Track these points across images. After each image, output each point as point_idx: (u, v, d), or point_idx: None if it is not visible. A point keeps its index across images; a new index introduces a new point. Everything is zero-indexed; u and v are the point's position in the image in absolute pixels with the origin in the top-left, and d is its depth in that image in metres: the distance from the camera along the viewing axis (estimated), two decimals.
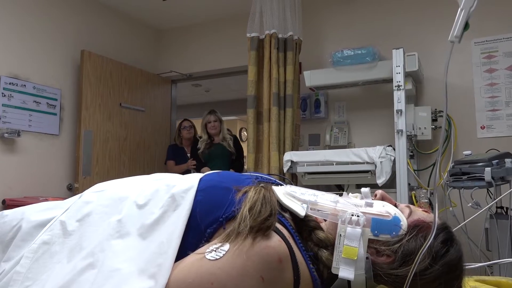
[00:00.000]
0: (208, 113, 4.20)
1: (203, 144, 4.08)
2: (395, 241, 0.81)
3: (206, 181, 0.92)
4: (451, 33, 0.68)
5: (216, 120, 4.14)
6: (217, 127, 4.12)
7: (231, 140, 4.19)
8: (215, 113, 4.17)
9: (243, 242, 0.75)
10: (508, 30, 3.21)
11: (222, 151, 4.09)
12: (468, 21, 0.66)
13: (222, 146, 4.10)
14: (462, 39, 2.62)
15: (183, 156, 4.34)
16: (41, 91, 3.48)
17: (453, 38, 0.68)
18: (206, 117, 4.17)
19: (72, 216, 0.95)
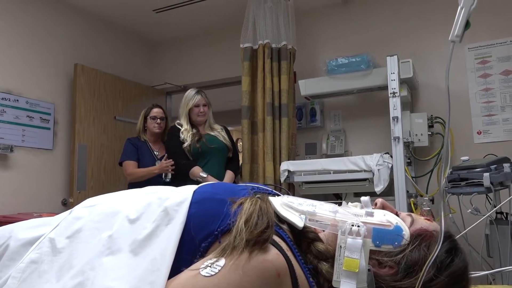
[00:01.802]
0: (196, 92, 3.13)
1: (189, 135, 3.01)
2: (397, 251, 0.78)
3: (200, 193, 0.89)
4: (451, 33, 0.66)
5: (206, 104, 3.14)
6: (206, 113, 3.13)
7: (223, 130, 3.21)
8: (203, 94, 3.16)
9: (239, 256, 0.72)
10: (500, 35, 3.22)
11: (217, 145, 3.08)
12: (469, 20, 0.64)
13: (215, 138, 3.11)
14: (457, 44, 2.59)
15: (147, 155, 3.30)
16: (34, 105, 3.45)
17: (454, 37, 0.66)
18: (193, 99, 3.09)
19: (62, 233, 0.91)
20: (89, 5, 3.84)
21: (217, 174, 3.01)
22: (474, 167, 2.48)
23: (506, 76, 3.19)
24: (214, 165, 3.03)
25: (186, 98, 3.13)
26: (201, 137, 3.04)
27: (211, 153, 3.04)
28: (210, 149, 3.03)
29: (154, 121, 3.36)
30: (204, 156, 3.03)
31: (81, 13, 3.92)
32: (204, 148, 3.01)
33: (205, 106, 3.13)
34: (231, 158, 3.18)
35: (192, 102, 3.09)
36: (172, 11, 3.95)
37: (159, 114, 3.38)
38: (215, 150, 3.06)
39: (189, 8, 3.88)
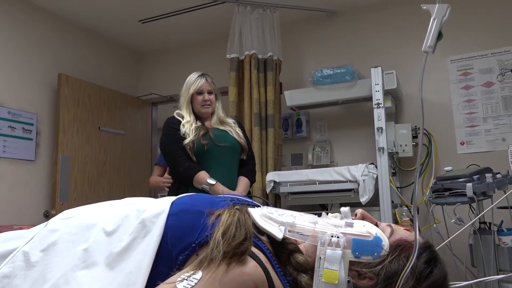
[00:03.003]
0: (199, 76, 2.47)
1: (191, 129, 2.31)
2: (377, 262, 0.77)
3: (178, 205, 0.88)
4: (424, 43, 0.67)
5: (212, 91, 2.45)
6: (212, 102, 2.44)
7: (236, 125, 2.52)
8: (209, 78, 2.49)
9: (216, 269, 0.71)
10: (482, 47, 3.29)
11: (228, 142, 2.38)
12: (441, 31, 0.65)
13: (226, 134, 2.41)
14: (440, 56, 2.65)
15: None
16: (17, 116, 3.39)
17: (427, 48, 0.66)
18: (194, 83, 2.42)
19: (36, 246, 0.89)
20: (74, 15, 3.82)
21: (228, 181, 2.31)
22: (457, 177, 2.51)
23: (487, 87, 3.25)
24: (223, 169, 2.33)
25: (188, 82, 2.45)
26: (207, 131, 2.33)
27: (220, 153, 2.33)
28: (219, 147, 2.31)
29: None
30: (211, 156, 2.31)
31: (66, 23, 3.89)
32: (211, 146, 2.29)
33: (211, 93, 2.43)
34: (245, 161, 2.45)
35: (193, 88, 2.39)
36: (158, 22, 3.95)
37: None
38: (226, 150, 2.34)
39: (175, 19, 3.89)
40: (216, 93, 2.49)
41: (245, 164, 2.47)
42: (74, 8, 3.70)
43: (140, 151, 4.41)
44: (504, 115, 3.17)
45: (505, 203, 2.50)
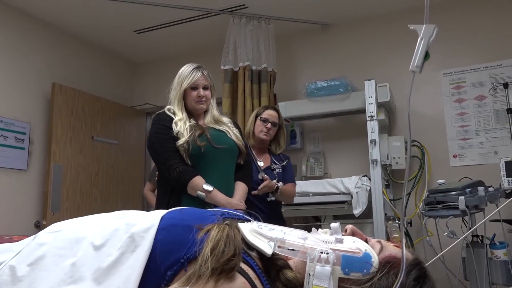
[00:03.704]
0: (195, 68, 2.16)
1: (185, 128, 2.02)
2: (366, 279, 0.77)
3: (168, 219, 0.87)
4: (411, 63, 0.68)
5: (208, 86, 2.17)
6: (208, 98, 2.17)
7: (233, 125, 2.24)
8: (205, 71, 2.19)
9: (204, 285, 0.70)
10: (474, 61, 3.32)
11: (226, 144, 2.11)
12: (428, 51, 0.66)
13: (223, 135, 2.14)
14: (433, 69, 2.67)
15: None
16: (9, 125, 3.37)
17: (414, 68, 0.67)
18: (189, 77, 2.12)
19: (24, 260, 0.88)
20: (69, 24, 3.83)
21: (225, 187, 2.06)
22: (450, 190, 2.52)
23: (479, 101, 3.28)
24: (220, 174, 2.07)
25: (181, 75, 2.15)
26: (203, 131, 2.06)
27: (217, 156, 2.06)
28: (217, 150, 2.04)
29: (264, 124, 2.57)
30: (207, 160, 2.03)
31: (60, 33, 3.89)
32: (208, 148, 2.02)
33: (207, 89, 2.15)
34: (242, 165, 2.20)
35: (187, 82, 2.10)
36: (153, 32, 3.96)
37: (272, 118, 2.59)
38: (224, 153, 2.08)
39: (170, 30, 3.90)
40: (212, 89, 2.21)
41: (242, 168, 2.20)
42: (69, 18, 3.70)
43: (133, 161, 4.39)
44: (496, 128, 3.20)
45: (497, 216, 2.51)
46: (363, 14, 3.66)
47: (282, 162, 2.62)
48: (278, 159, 2.63)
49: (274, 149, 2.67)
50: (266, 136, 2.58)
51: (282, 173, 2.58)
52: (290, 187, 2.58)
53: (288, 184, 2.57)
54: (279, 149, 2.67)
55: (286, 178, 2.58)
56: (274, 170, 2.57)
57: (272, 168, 2.57)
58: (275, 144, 2.68)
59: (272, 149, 2.67)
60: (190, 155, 1.99)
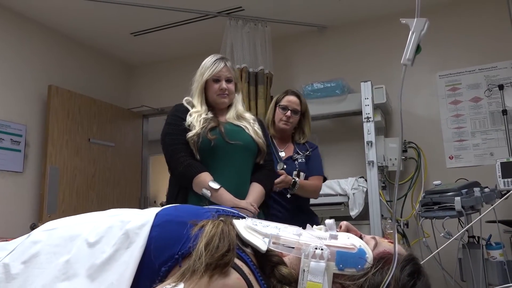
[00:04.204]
0: (218, 59, 2.03)
1: (199, 120, 1.89)
2: (360, 275, 0.77)
3: (162, 216, 0.87)
4: (403, 56, 0.68)
5: (231, 79, 2.02)
6: (231, 92, 2.02)
7: (255, 122, 2.05)
8: (228, 62, 2.05)
9: (198, 281, 0.70)
10: (469, 63, 3.34)
11: (241, 140, 1.92)
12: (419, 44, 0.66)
13: (241, 131, 1.97)
14: (428, 71, 2.68)
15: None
16: (5, 127, 3.36)
17: (406, 61, 0.67)
18: (211, 67, 1.99)
19: (18, 258, 0.88)
20: (65, 27, 3.82)
21: (236, 187, 1.87)
22: (446, 191, 2.53)
23: (475, 102, 3.29)
24: (232, 173, 1.89)
25: (203, 66, 2.02)
26: (218, 125, 1.91)
27: (230, 152, 1.89)
28: (230, 145, 1.88)
29: (283, 112, 2.35)
30: (219, 156, 1.88)
31: (57, 35, 3.89)
32: (219, 143, 1.87)
33: (230, 82, 2.00)
34: (262, 165, 2.00)
35: (209, 73, 1.96)
36: (150, 35, 3.97)
37: (292, 105, 2.35)
38: (237, 149, 1.90)
39: (167, 32, 3.91)
40: (237, 82, 2.06)
41: (261, 168, 2.00)
42: (65, 20, 3.70)
43: (130, 164, 4.38)
44: (491, 130, 3.21)
45: (493, 217, 2.52)
46: (359, 16, 3.67)
47: (306, 152, 2.36)
48: (302, 148, 2.38)
49: (298, 138, 2.42)
50: (286, 125, 2.34)
51: (305, 163, 2.33)
52: (313, 180, 2.32)
53: (312, 177, 2.31)
54: (304, 138, 2.42)
55: (310, 170, 2.33)
56: (296, 160, 2.32)
57: (294, 158, 2.33)
58: (299, 133, 2.43)
59: (295, 138, 2.43)
60: (199, 149, 1.84)
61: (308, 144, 2.42)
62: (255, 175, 1.97)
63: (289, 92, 2.41)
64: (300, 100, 2.39)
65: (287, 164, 2.28)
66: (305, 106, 2.42)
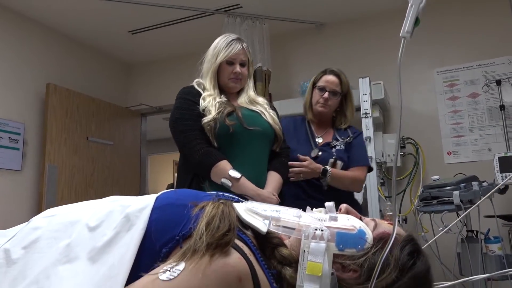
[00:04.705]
0: (235, 39, 1.88)
1: (214, 104, 1.75)
2: (360, 254, 0.78)
3: (163, 199, 0.87)
4: (402, 29, 0.69)
5: (246, 63, 1.88)
6: (245, 77, 1.89)
7: (269, 108, 1.93)
8: (244, 44, 1.91)
9: (199, 260, 0.70)
10: (467, 59, 3.35)
11: (260, 126, 1.80)
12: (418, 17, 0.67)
13: (257, 116, 1.84)
14: (426, 68, 2.68)
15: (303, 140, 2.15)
16: (3, 125, 3.36)
17: (404, 33, 0.68)
18: (227, 48, 1.83)
19: (18, 243, 0.88)
20: (63, 25, 3.82)
21: (256, 176, 1.75)
22: (444, 186, 2.53)
23: (473, 98, 3.30)
24: (251, 160, 1.77)
25: (217, 46, 1.86)
26: (234, 110, 1.78)
27: (248, 139, 1.77)
28: (248, 132, 1.76)
29: (321, 94, 2.11)
30: (237, 142, 1.75)
31: (55, 33, 3.89)
32: (238, 129, 1.74)
33: (244, 66, 1.86)
34: (278, 153, 1.88)
35: (224, 55, 1.82)
36: (148, 33, 3.97)
37: (330, 86, 2.11)
38: (256, 135, 1.78)
39: (164, 30, 3.91)
40: (250, 66, 1.92)
41: (277, 156, 1.88)
42: (63, 19, 3.70)
43: (129, 162, 4.38)
44: (489, 125, 3.22)
45: (491, 211, 2.53)
46: (357, 13, 3.69)
47: (346, 138, 2.10)
48: (343, 134, 2.13)
49: (339, 123, 2.17)
50: (324, 108, 2.09)
51: (344, 150, 2.07)
52: (354, 170, 2.05)
53: (354, 168, 2.05)
54: (345, 123, 2.17)
55: (351, 159, 2.07)
56: (334, 147, 2.08)
57: (332, 144, 2.08)
58: (340, 117, 2.17)
59: (336, 123, 2.17)
60: (217, 136, 1.71)
61: (351, 130, 2.17)
62: (272, 163, 1.86)
63: (328, 71, 2.16)
64: (341, 80, 2.13)
65: (323, 151, 2.04)
66: (347, 86, 2.16)
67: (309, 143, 2.07)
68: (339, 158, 2.02)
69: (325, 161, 2.00)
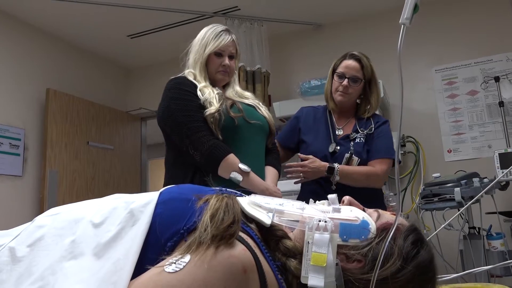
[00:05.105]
0: (224, 30, 1.81)
1: (214, 96, 1.67)
2: (364, 244, 0.78)
3: (167, 194, 0.88)
4: (401, 16, 0.70)
5: (234, 55, 1.82)
6: (232, 70, 1.83)
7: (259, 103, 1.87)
8: (233, 35, 1.84)
9: (205, 252, 0.71)
10: (465, 57, 3.37)
11: (259, 120, 1.78)
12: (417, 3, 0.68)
13: (253, 110, 1.79)
14: (424, 66, 2.68)
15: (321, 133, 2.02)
16: (4, 131, 3.37)
17: (404, 20, 0.69)
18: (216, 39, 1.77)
19: (23, 241, 0.88)
20: (62, 30, 3.84)
21: (256, 169, 1.68)
22: (445, 183, 2.54)
23: (472, 96, 3.31)
24: (252, 154, 1.72)
25: (205, 36, 1.79)
26: (234, 102, 1.74)
27: (250, 132, 1.72)
28: (250, 125, 1.72)
29: (340, 81, 1.94)
30: (240, 136, 1.69)
31: (54, 38, 3.90)
32: (241, 121, 1.69)
33: (232, 58, 1.80)
34: (270, 149, 1.85)
35: (213, 45, 1.75)
36: (146, 37, 3.98)
37: (350, 72, 1.93)
38: (256, 130, 1.75)
39: (163, 34, 3.92)
40: (237, 59, 1.85)
41: (271, 152, 1.85)
42: (62, 24, 3.72)
43: (129, 166, 4.38)
44: (489, 122, 3.23)
45: (492, 207, 2.53)
46: (355, 13, 3.70)
47: (366, 130, 1.92)
48: (365, 125, 1.95)
49: (362, 111, 1.98)
50: (343, 96, 1.92)
51: (364, 144, 1.90)
52: (372, 164, 1.86)
53: (374, 161, 1.86)
54: (368, 112, 1.97)
55: (371, 151, 1.89)
56: (354, 139, 1.91)
57: (351, 137, 1.92)
58: (364, 105, 1.98)
59: (359, 112, 1.99)
60: (222, 128, 1.63)
61: (374, 120, 1.97)
62: (267, 158, 1.81)
63: (348, 56, 1.96)
64: (362, 64, 1.93)
65: (341, 145, 1.89)
66: (370, 72, 1.95)
67: (328, 137, 1.92)
68: (356, 153, 1.86)
69: (343, 156, 1.85)
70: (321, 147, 1.90)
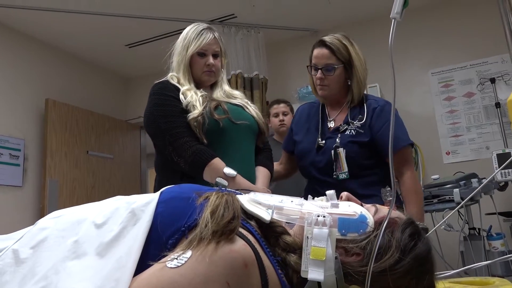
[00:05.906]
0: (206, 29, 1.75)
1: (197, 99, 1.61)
2: (362, 238, 0.79)
3: (167, 193, 0.89)
4: (392, 11, 0.72)
5: (218, 54, 1.75)
6: (218, 69, 1.75)
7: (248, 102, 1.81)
8: (216, 33, 1.78)
9: (206, 247, 0.72)
10: (461, 60, 3.40)
11: (247, 120, 1.70)
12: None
13: (241, 110, 1.73)
14: (420, 69, 2.68)
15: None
16: (4, 142, 3.38)
17: (394, 14, 0.71)
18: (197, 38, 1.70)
19: (26, 243, 0.89)
20: (60, 41, 3.87)
21: (246, 172, 1.64)
22: (444, 184, 2.56)
23: (468, 98, 3.34)
24: (240, 157, 1.66)
25: (187, 37, 1.73)
26: (219, 103, 1.66)
27: (236, 134, 1.66)
28: (237, 126, 1.65)
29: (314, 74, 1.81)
30: (226, 138, 1.64)
31: (52, 49, 3.94)
32: (226, 123, 1.63)
33: (217, 57, 1.73)
34: (261, 148, 1.79)
35: (195, 45, 1.68)
36: (144, 46, 4.02)
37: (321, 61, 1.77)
38: (244, 130, 1.69)
39: (161, 42, 3.94)
40: (223, 57, 1.79)
41: (261, 151, 1.79)
42: (61, 35, 3.75)
43: (129, 175, 4.39)
44: (486, 123, 3.25)
45: (492, 208, 2.54)
46: (350, 19, 3.74)
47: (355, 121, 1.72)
48: (357, 114, 1.75)
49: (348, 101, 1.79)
50: (323, 90, 1.77)
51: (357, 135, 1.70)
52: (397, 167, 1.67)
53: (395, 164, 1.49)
54: (354, 100, 1.77)
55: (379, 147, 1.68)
56: (344, 131, 1.72)
57: (341, 129, 1.73)
58: (350, 94, 1.78)
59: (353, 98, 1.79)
60: (206, 132, 1.57)
61: (369, 104, 1.74)
62: (259, 158, 1.76)
63: (316, 44, 1.79)
64: (333, 50, 1.73)
65: (328, 138, 1.73)
66: (345, 53, 1.75)
67: (318, 131, 1.78)
68: (343, 145, 1.68)
69: (330, 150, 1.70)
70: (308, 145, 1.79)
